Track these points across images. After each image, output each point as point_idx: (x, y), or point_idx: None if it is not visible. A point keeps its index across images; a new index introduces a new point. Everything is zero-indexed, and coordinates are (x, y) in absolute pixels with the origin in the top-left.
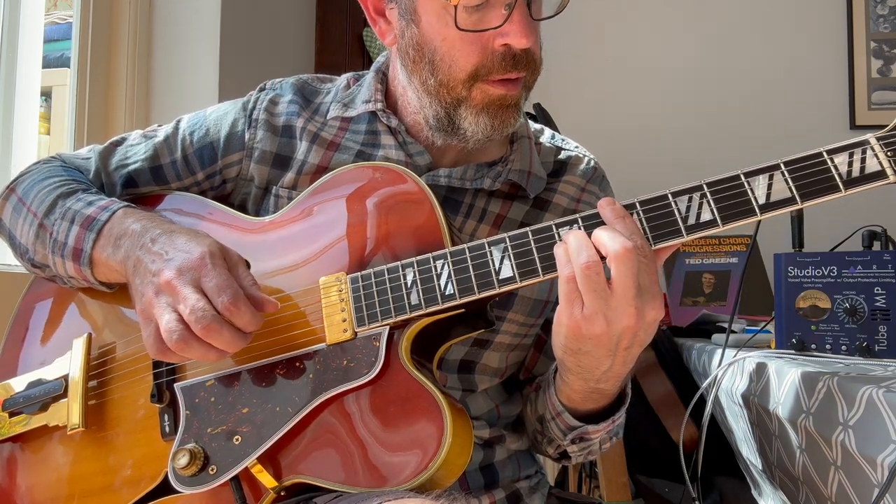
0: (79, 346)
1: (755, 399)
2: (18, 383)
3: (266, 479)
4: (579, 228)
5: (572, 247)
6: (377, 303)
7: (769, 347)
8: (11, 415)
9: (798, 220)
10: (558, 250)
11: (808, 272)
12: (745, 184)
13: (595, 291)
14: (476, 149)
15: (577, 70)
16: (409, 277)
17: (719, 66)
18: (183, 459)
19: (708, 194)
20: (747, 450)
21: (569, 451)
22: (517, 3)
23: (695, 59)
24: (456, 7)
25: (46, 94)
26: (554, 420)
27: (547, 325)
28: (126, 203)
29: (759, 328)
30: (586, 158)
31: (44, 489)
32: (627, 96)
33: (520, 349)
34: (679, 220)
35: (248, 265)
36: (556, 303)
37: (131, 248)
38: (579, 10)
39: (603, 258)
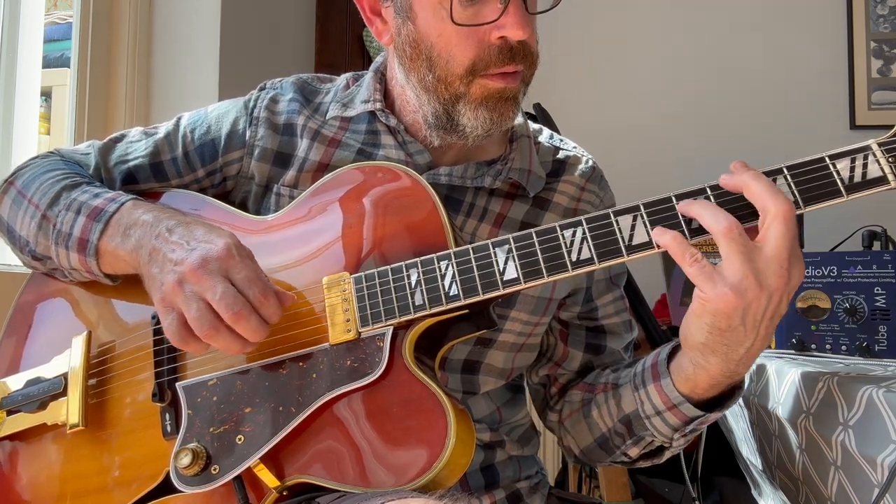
0: (78, 343)
1: (755, 399)
2: (16, 381)
3: (269, 479)
4: (583, 230)
5: (708, 216)
6: (381, 303)
7: (769, 347)
8: (9, 413)
9: (798, 220)
10: (666, 238)
11: (808, 272)
12: None
13: (742, 253)
14: (476, 146)
15: (577, 70)
16: (413, 278)
17: (719, 66)
18: (185, 459)
19: (712, 198)
20: (747, 450)
21: (675, 444)
22: None
23: (695, 60)
24: (451, 2)
25: (46, 94)
26: (660, 415)
27: (563, 320)
28: (134, 196)
29: None
30: (585, 158)
31: (41, 488)
32: (627, 96)
33: (526, 349)
34: (683, 223)
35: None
36: (560, 300)
37: (144, 237)
38: (579, 10)
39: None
